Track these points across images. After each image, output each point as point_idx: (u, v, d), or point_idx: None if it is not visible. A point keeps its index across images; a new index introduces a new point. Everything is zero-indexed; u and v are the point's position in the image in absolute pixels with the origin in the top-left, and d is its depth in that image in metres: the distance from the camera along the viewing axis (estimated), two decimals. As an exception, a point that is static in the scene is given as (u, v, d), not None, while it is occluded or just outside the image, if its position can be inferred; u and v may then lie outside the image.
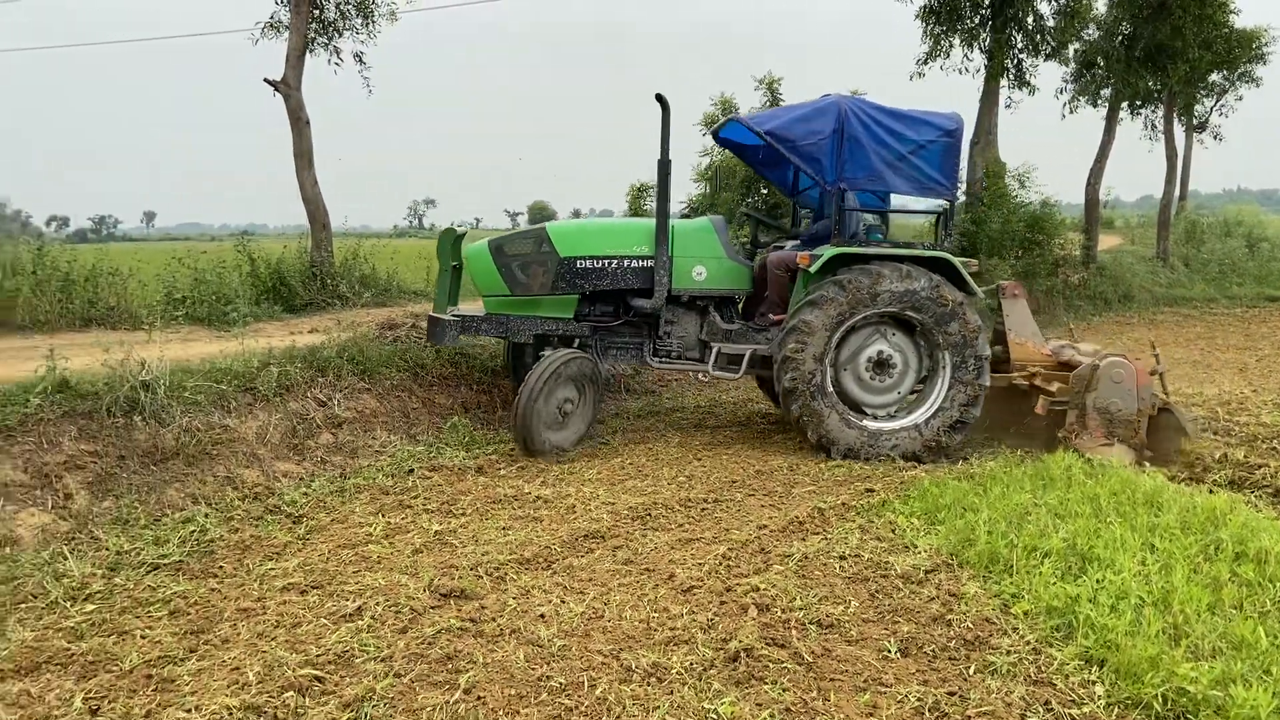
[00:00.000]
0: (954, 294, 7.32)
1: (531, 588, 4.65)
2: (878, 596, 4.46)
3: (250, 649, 4.00)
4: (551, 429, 7.28)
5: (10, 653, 3.99)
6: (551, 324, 7.84)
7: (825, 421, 7.30)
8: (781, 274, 7.94)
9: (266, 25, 13.13)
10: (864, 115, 7.31)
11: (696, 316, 8.03)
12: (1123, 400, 7.05)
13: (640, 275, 7.80)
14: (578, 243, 7.76)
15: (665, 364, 8.04)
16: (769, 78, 25.70)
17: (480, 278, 7.79)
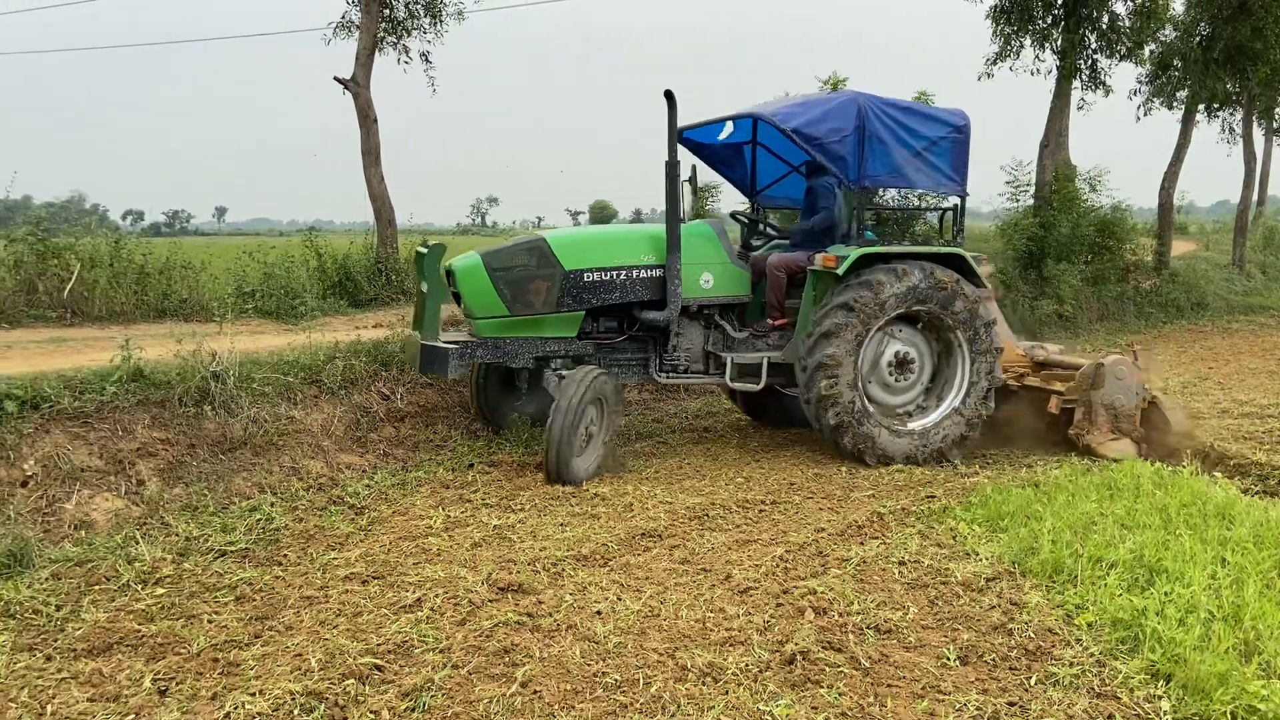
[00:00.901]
0: (947, 275, 7.23)
1: (588, 584, 4.67)
2: (937, 603, 4.39)
3: (313, 636, 4.08)
4: (579, 454, 6.60)
5: (84, 632, 4.12)
6: (554, 344, 7.10)
7: (878, 441, 7.17)
8: (782, 276, 7.62)
9: (338, 25, 13.38)
10: (881, 112, 7.20)
11: (701, 327, 7.59)
12: (1125, 396, 7.31)
13: (650, 286, 7.24)
14: (583, 254, 7.08)
15: (674, 379, 7.54)
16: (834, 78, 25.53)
17: (474, 297, 6.88)
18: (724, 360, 7.39)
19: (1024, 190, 17.18)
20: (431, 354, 6.65)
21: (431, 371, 6.75)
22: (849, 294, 7.01)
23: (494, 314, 6.89)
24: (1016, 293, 15.15)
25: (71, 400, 6.04)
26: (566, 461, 6.36)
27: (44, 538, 5.24)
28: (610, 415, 6.83)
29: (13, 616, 4.28)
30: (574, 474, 6.42)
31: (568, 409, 6.35)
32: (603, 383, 6.67)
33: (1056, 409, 7.41)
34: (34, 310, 9.69)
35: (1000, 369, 7.51)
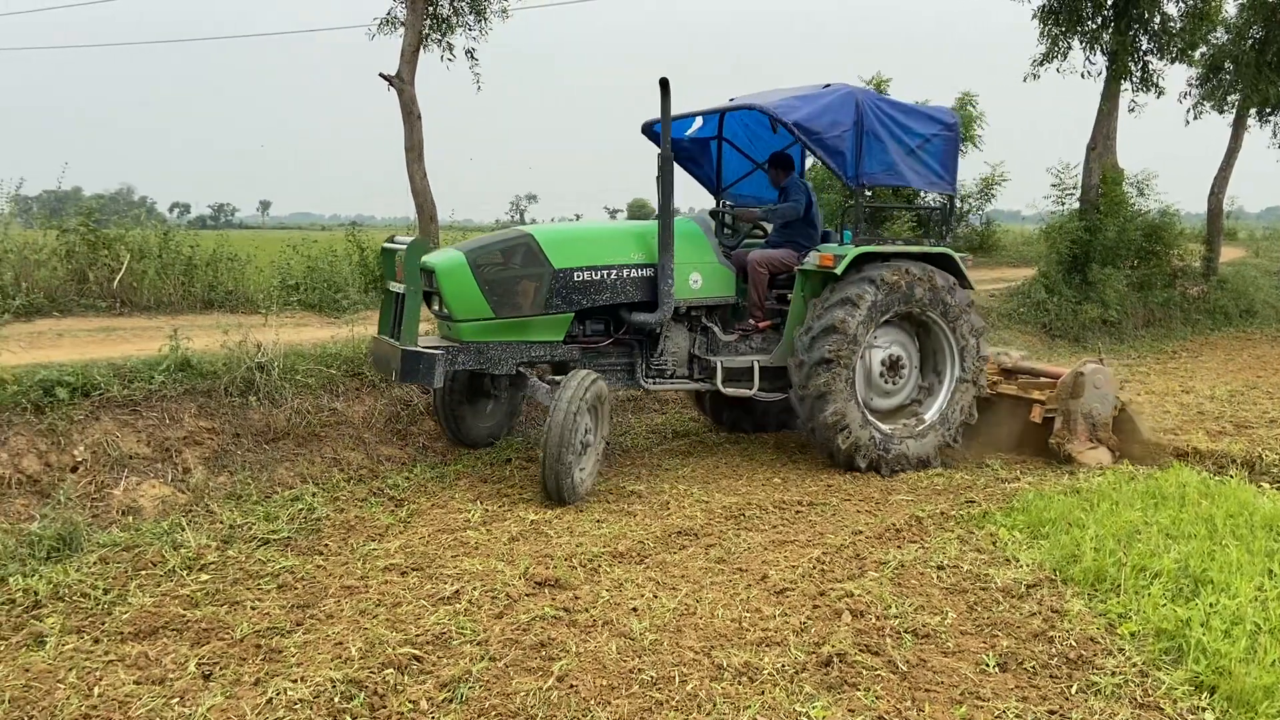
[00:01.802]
0: (944, 277, 7.08)
1: (624, 581, 4.69)
2: (976, 609, 4.36)
3: (353, 625, 4.13)
4: (575, 465, 6.02)
5: (130, 616, 4.20)
6: (540, 349, 6.57)
7: (906, 453, 7.04)
8: (765, 275, 7.32)
9: (383, 21, 13.50)
10: (877, 108, 7.01)
11: (686, 330, 7.17)
12: (1101, 405, 7.29)
13: (640, 286, 6.79)
14: (573, 252, 6.58)
15: (662, 385, 7.09)
16: (877, 78, 25.34)
17: (456, 298, 6.24)
18: (712, 365, 7.01)
19: (1069, 193, 16.94)
20: (415, 360, 5.96)
21: (415, 380, 6.07)
22: (852, 289, 6.77)
23: (477, 316, 6.28)
24: (1059, 296, 14.95)
25: (121, 388, 6.16)
26: (566, 477, 5.87)
27: (92, 523, 5.35)
28: (606, 421, 6.41)
29: (62, 599, 4.37)
30: (573, 490, 5.96)
31: (565, 419, 5.83)
32: (598, 388, 6.17)
33: (1039, 418, 7.36)
34: (85, 299, 9.88)
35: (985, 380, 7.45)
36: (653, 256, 6.79)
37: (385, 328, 6.41)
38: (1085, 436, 7.23)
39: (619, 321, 6.94)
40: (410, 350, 5.97)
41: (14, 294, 8.91)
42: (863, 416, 6.86)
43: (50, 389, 5.91)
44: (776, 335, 7.27)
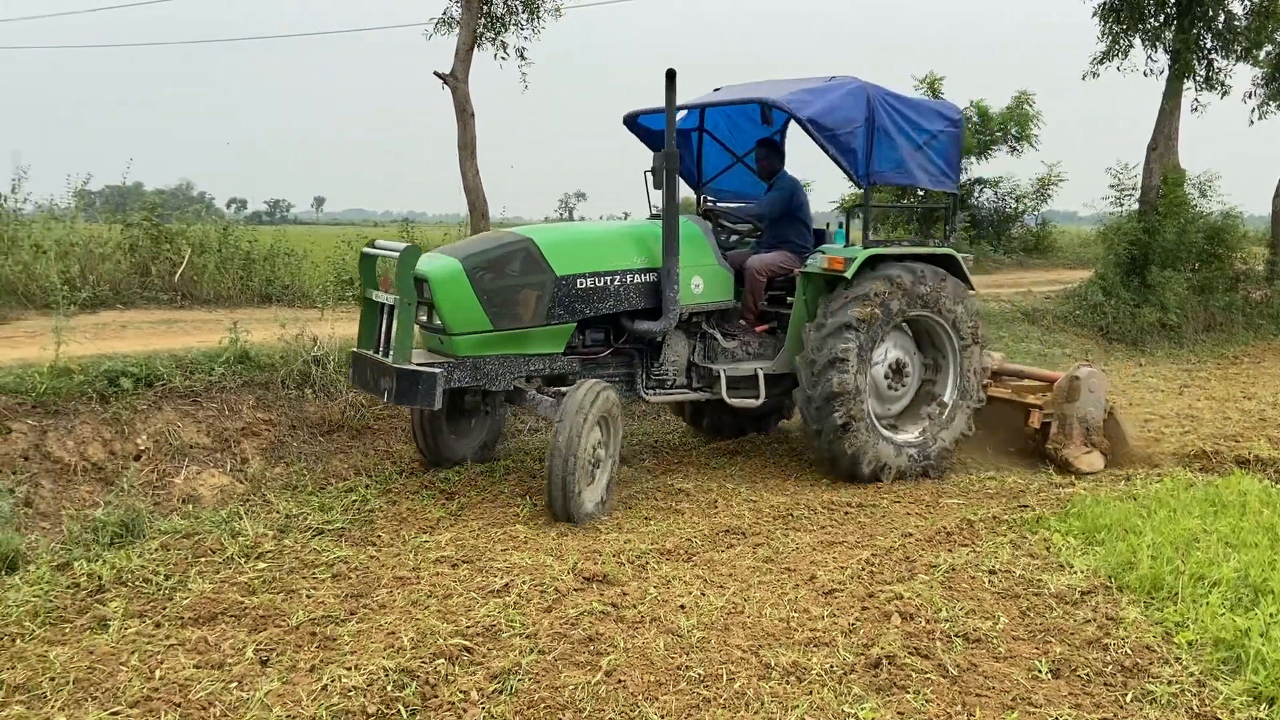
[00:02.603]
0: (956, 283, 6.92)
1: (672, 578, 4.70)
2: (1029, 615, 4.30)
3: (405, 615, 4.20)
4: (584, 484, 5.61)
5: (191, 602, 4.31)
6: (539, 362, 6.09)
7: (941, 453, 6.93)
8: (763, 280, 7.00)
9: (439, 21, 13.66)
10: (886, 103, 6.73)
11: (686, 337, 6.75)
12: (1095, 409, 7.22)
13: (643, 293, 6.36)
14: (576, 257, 6.12)
15: (663, 396, 6.69)
16: (930, 77, 25.08)
17: (452, 310, 5.70)
18: (714, 373, 6.63)
19: (1128, 194, 16.61)
20: (412, 380, 5.43)
21: (412, 403, 5.57)
22: (868, 286, 6.49)
23: (474, 329, 5.76)
24: (1117, 299, 14.67)
25: (182, 379, 6.33)
26: (574, 495, 5.47)
27: (154, 510, 5.50)
28: (617, 434, 5.95)
29: (125, 584, 4.50)
30: (584, 508, 5.55)
31: (571, 434, 5.41)
32: (608, 398, 5.72)
33: (1038, 423, 7.23)
34: (147, 292, 10.14)
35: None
36: (655, 260, 6.36)
37: (367, 342, 5.86)
38: (1080, 441, 7.13)
39: (619, 330, 6.50)
40: (406, 369, 5.46)
41: (80, 287, 9.16)
42: (871, 422, 6.62)
43: (115, 379, 6.08)
44: (772, 340, 7.01)
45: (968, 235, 22.61)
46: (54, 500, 5.42)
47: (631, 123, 7.58)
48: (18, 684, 3.51)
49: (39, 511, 5.31)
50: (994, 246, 23.72)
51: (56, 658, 3.70)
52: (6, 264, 9.79)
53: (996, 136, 24.60)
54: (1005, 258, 23.39)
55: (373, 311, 5.86)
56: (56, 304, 7.15)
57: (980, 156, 24.83)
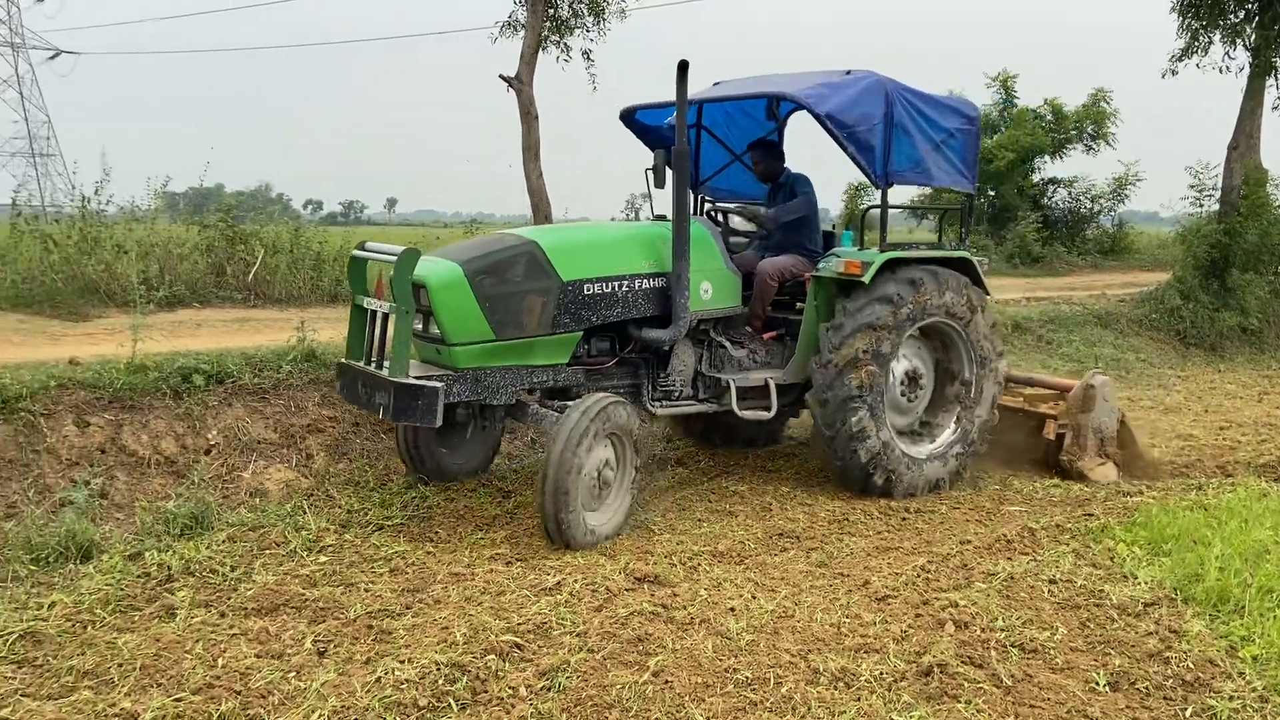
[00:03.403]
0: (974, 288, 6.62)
1: (723, 580, 4.70)
2: (1088, 626, 4.21)
3: (459, 611, 4.27)
4: (589, 507, 5.28)
5: (254, 593, 4.44)
6: (542, 374, 5.69)
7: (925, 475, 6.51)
8: (774, 285, 6.61)
9: (504, 24, 13.83)
10: (905, 99, 6.40)
11: (693, 345, 6.33)
12: (1108, 418, 7.03)
13: (651, 299, 5.96)
14: (583, 261, 5.73)
15: (670, 408, 6.24)
16: (1003, 75, 24.62)
17: (453, 319, 5.29)
18: (723, 383, 6.24)
19: (1208, 194, 16.11)
20: (412, 396, 5.02)
21: (411, 420, 5.12)
22: (890, 288, 6.18)
23: (476, 339, 5.35)
24: (1196, 303, 14.22)
25: (252, 376, 6.50)
26: (569, 518, 5.06)
27: (223, 503, 5.67)
28: (633, 454, 5.50)
29: (192, 574, 4.64)
30: (583, 533, 5.15)
31: (565, 451, 5.02)
32: (618, 413, 5.31)
33: (1053, 434, 7.00)
34: (222, 292, 10.46)
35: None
36: (664, 264, 5.97)
37: (356, 353, 5.51)
38: (1095, 451, 6.93)
39: (625, 339, 6.10)
40: (405, 384, 5.02)
41: (158, 286, 9.47)
42: (888, 431, 6.28)
43: (188, 375, 6.27)
44: (781, 347, 6.66)
45: (1040, 236, 22.18)
46: (128, 492, 5.62)
47: (628, 119, 7.21)
48: (87, 670, 3.65)
49: (114, 503, 5.50)
50: (1067, 248, 23.23)
51: (125, 645, 3.84)
52: (90, 263, 10.18)
53: (1072, 135, 24.09)
54: (1079, 259, 22.88)
55: (362, 319, 5.48)
56: (134, 303, 7.40)
57: (1055, 156, 24.34)
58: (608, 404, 5.26)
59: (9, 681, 3.55)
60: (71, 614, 4.13)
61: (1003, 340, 10.48)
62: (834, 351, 6.13)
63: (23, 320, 9.05)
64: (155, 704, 3.41)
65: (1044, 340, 12.29)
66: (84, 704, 3.41)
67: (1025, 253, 21.36)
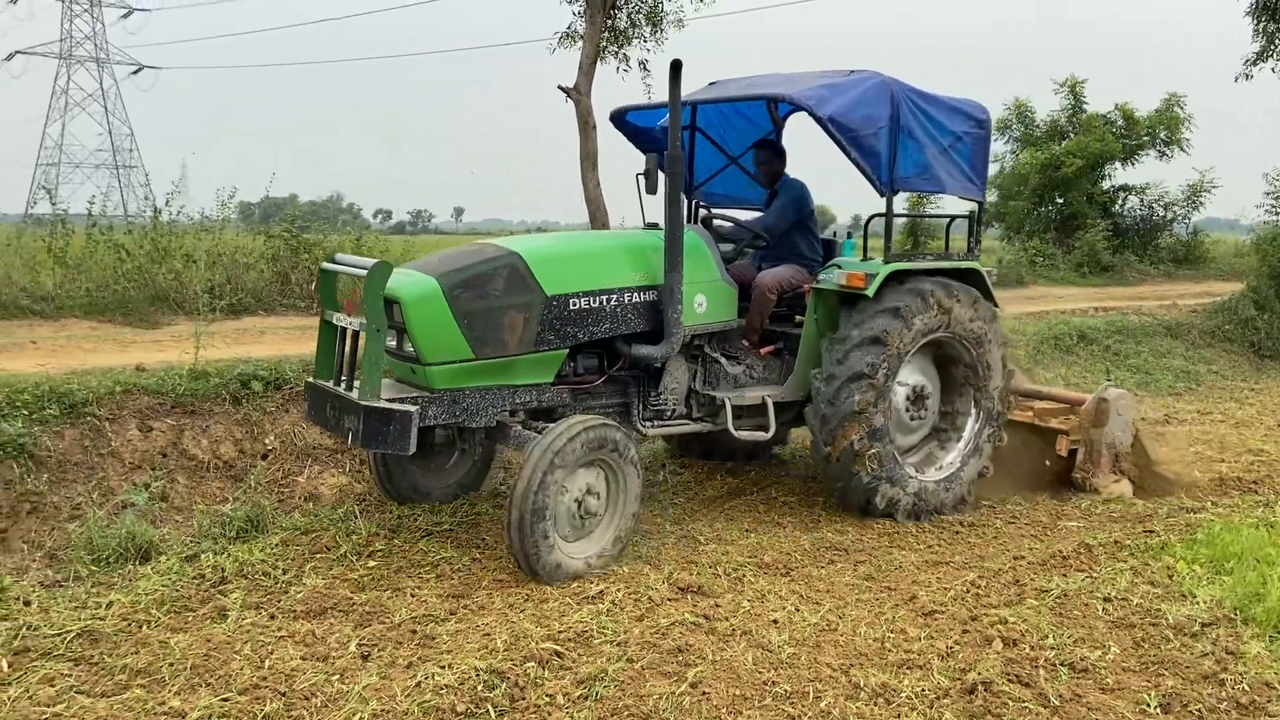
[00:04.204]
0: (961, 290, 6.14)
1: (767, 592, 4.67)
2: (1143, 645, 4.09)
3: (501, 618, 4.30)
4: (570, 537, 4.96)
5: (304, 596, 4.52)
6: (526, 394, 5.33)
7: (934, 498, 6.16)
8: (773, 299, 6.23)
9: (563, 35, 13.96)
10: (910, 101, 6.02)
11: (686, 362, 5.94)
12: (1123, 433, 6.75)
13: (642, 314, 5.58)
14: (568, 274, 5.35)
15: (662, 428, 5.89)
16: (1071, 80, 24.11)
17: (428, 337, 4.93)
18: (717, 402, 5.86)
19: (1287, 202, 15.60)
20: (383, 421, 4.68)
21: (383, 447, 4.80)
22: (899, 299, 5.84)
23: (453, 358, 4.99)
24: (1271, 313, 13.76)
25: (308, 383, 6.64)
26: (538, 548, 4.69)
27: (277, 507, 5.79)
28: (627, 480, 5.09)
29: (245, 577, 4.75)
30: (557, 565, 4.77)
31: (535, 477, 4.66)
32: (603, 436, 4.91)
33: (1065, 450, 6.72)
34: (286, 300, 10.70)
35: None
36: (655, 277, 5.59)
37: (325, 372, 5.15)
38: (1109, 468, 6.67)
39: (614, 355, 5.70)
40: (375, 408, 4.68)
41: (224, 294, 9.72)
42: (891, 450, 5.92)
43: (247, 382, 6.44)
44: (778, 363, 6.29)
45: (1110, 245, 21.68)
46: (187, 495, 5.78)
47: (619, 120, 6.85)
48: (140, 668, 3.76)
49: (173, 506, 5.66)
50: (1139, 256, 22.66)
51: (177, 644, 3.94)
52: (160, 272, 10.50)
53: (1144, 141, 23.50)
54: (1151, 269, 22.31)
55: (331, 336, 5.13)
56: (199, 311, 7.61)
57: (1126, 162, 23.77)
58: (589, 426, 4.86)
59: (65, 679, 3.67)
60: (128, 613, 4.25)
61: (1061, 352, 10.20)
62: (836, 366, 5.81)
63: (94, 327, 9.37)
64: (203, 703, 3.49)
65: (1111, 351, 11.99)
66: (135, 702, 3.51)
67: (1094, 261, 20.89)
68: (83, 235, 11.08)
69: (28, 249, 11.17)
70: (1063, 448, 6.78)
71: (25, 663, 3.79)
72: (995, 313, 6.40)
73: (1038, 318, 12.87)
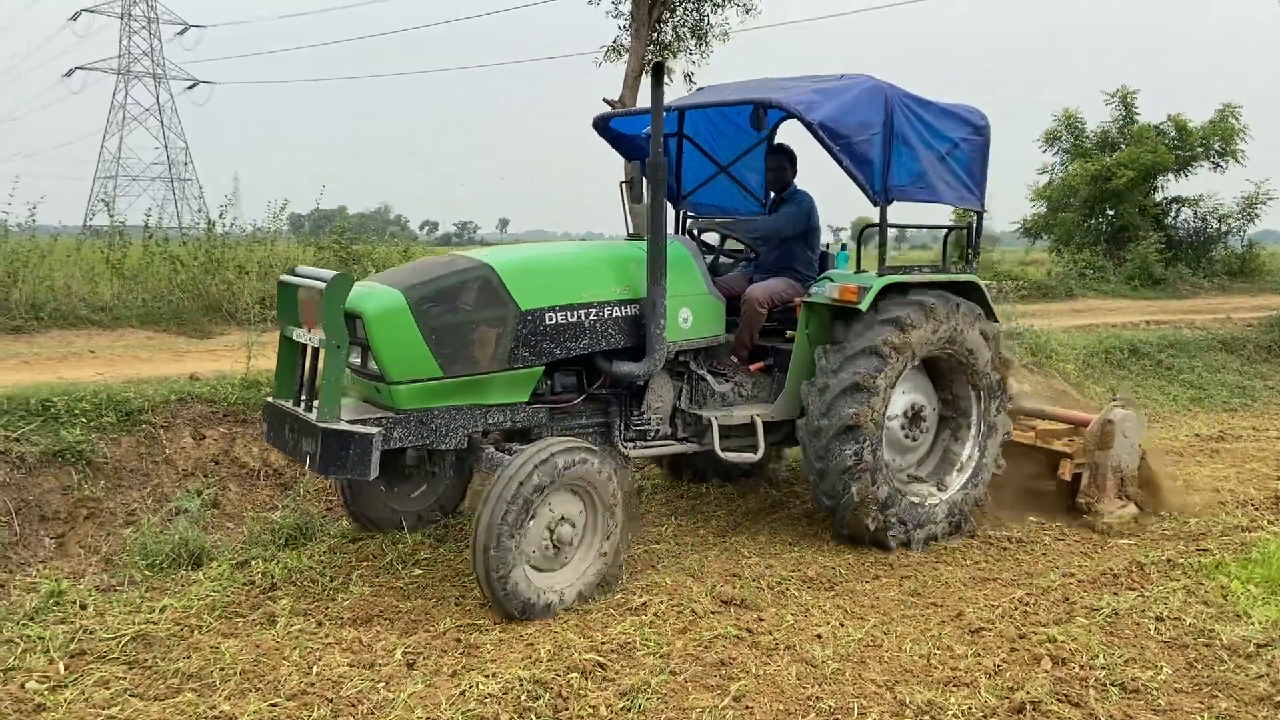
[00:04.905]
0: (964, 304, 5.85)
1: (811, 607, 4.64)
2: (1195, 666, 4.01)
3: (544, 628, 4.32)
4: (543, 568, 4.62)
5: (351, 603, 4.58)
6: (499, 414, 5.01)
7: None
8: (763, 314, 5.90)
9: (609, 49, 14.07)
10: (905, 105, 5.69)
11: (671, 379, 5.64)
12: (1129, 455, 6.32)
13: (623, 328, 5.28)
14: (544, 287, 5.05)
15: (645, 449, 5.57)
16: (1122, 91, 23.76)
17: (393, 354, 4.63)
18: (704, 421, 5.54)
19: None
20: (342, 444, 4.38)
21: (341, 473, 4.48)
22: (897, 311, 5.52)
23: (421, 376, 4.70)
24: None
25: (356, 393, 6.73)
26: (505, 579, 4.35)
27: (325, 515, 5.87)
28: (609, 506, 4.76)
29: (294, 583, 4.82)
30: (526, 601, 4.44)
31: (500, 504, 4.34)
32: (578, 460, 4.57)
33: (1069, 475, 6.34)
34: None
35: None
36: (637, 290, 5.30)
37: (285, 391, 4.90)
38: (1114, 494, 6.24)
39: (594, 373, 5.41)
40: (334, 430, 4.40)
41: (275, 305, 9.89)
42: (885, 471, 5.59)
43: (296, 392, 6.53)
44: (768, 380, 5.97)
45: (1162, 257, 21.32)
46: (239, 502, 5.89)
47: (602, 127, 6.56)
48: (191, 672, 3.83)
49: (225, 513, 5.77)
50: (1192, 269, 22.25)
51: (227, 650, 4.01)
52: (214, 283, 10.71)
53: (1197, 152, 23.11)
54: (1205, 281, 21.88)
55: (291, 353, 4.89)
56: (250, 321, 7.75)
57: (1179, 174, 23.39)
58: (562, 449, 4.52)
59: (120, 681, 3.75)
60: (180, 618, 4.34)
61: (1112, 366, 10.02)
62: (831, 376, 5.49)
63: (150, 337, 9.59)
64: (252, 708, 3.55)
65: (1163, 366, 11.77)
66: (186, 706, 3.57)
67: (1146, 274, 20.55)
68: (139, 247, 11.34)
69: (87, 260, 11.45)
70: (1066, 472, 6.40)
71: (81, 665, 3.88)
72: (995, 328, 6.08)
73: (1087, 330, 12.68)
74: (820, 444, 5.46)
